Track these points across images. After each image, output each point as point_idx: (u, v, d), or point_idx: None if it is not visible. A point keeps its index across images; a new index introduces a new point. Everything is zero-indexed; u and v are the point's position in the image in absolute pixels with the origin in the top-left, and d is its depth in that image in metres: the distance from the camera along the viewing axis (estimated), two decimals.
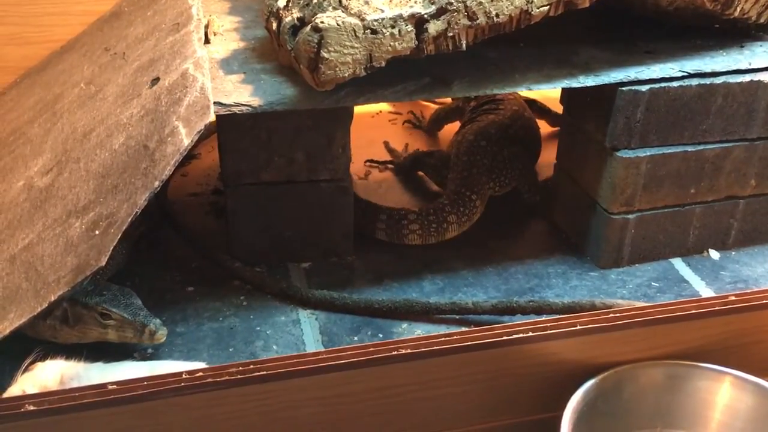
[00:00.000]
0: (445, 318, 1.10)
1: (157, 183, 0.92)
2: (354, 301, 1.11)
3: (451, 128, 1.53)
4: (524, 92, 1.11)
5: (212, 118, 0.96)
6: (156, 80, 1.04)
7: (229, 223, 1.18)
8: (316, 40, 0.95)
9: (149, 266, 1.20)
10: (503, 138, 1.37)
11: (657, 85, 1.11)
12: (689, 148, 1.17)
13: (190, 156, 1.52)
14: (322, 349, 0.96)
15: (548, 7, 1.03)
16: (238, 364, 0.86)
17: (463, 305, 1.09)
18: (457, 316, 1.10)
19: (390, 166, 1.49)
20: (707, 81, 1.13)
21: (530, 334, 0.92)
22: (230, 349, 1.04)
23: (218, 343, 1.05)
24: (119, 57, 1.18)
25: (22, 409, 0.80)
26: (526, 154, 1.38)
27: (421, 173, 1.44)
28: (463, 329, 1.04)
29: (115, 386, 0.82)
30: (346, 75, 0.97)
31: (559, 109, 1.30)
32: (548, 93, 1.43)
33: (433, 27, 0.98)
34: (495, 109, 1.43)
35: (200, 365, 0.96)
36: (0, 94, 1.44)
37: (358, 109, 1.15)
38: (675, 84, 1.12)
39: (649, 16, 1.20)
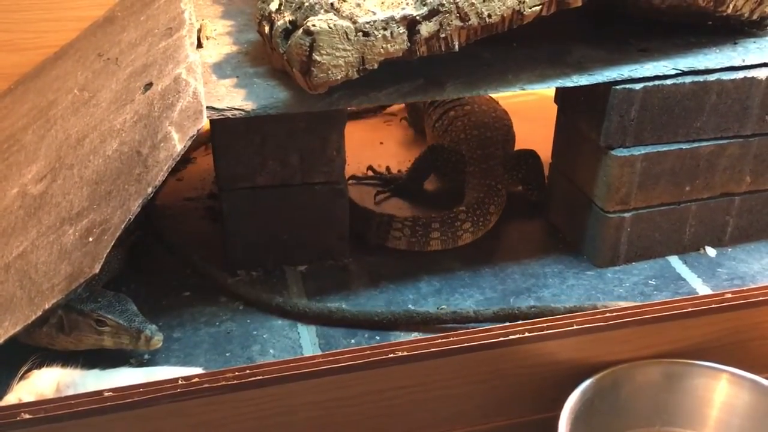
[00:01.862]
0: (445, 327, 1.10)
1: (150, 189, 0.91)
2: (353, 314, 1.09)
3: None
4: (518, 92, 1.11)
5: (205, 122, 0.96)
6: (149, 85, 1.04)
7: (225, 227, 1.18)
8: (307, 44, 0.95)
9: (145, 272, 1.19)
10: (504, 128, 1.39)
11: (651, 84, 1.11)
12: (684, 146, 1.17)
13: (185, 160, 1.52)
14: (319, 353, 0.96)
15: (540, 6, 1.03)
16: (235, 369, 0.86)
17: (464, 314, 1.08)
18: (459, 326, 1.09)
19: (382, 189, 1.43)
20: (701, 78, 1.13)
21: (527, 334, 0.92)
22: (227, 354, 1.04)
23: (215, 348, 1.05)
24: (112, 62, 1.18)
25: (19, 418, 0.80)
26: (533, 151, 1.39)
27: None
28: (460, 330, 1.04)
29: (111, 393, 0.82)
30: (339, 78, 0.97)
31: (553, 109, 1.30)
32: (543, 92, 1.43)
33: (425, 28, 0.98)
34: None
35: (197, 370, 0.95)
36: None
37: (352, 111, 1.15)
38: (669, 82, 1.12)
39: (641, 15, 1.20)
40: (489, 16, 1.00)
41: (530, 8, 1.02)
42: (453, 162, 1.36)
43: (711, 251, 1.26)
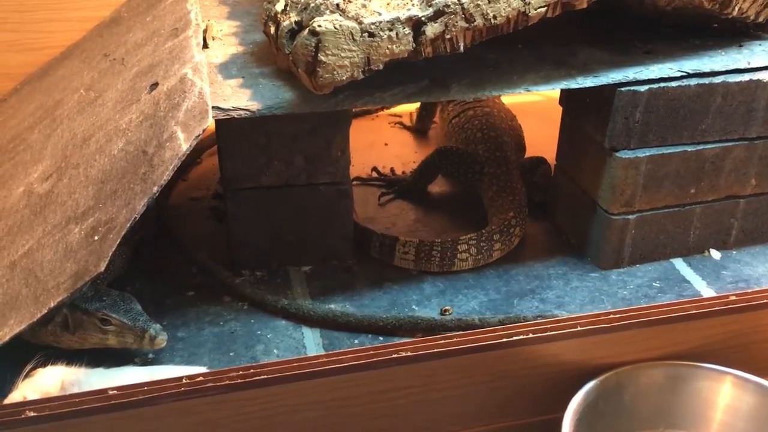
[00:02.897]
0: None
1: (155, 188, 0.92)
2: (357, 319, 1.09)
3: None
4: (523, 93, 1.11)
5: (211, 122, 0.96)
6: (155, 85, 1.04)
7: (229, 228, 1.18)
8: (313, 44, 0.95)
9: (149, 271, 1.20)
10: (518, 138, 1.41)
11: (656, 86, 1.11)
12: (689, 148, 1.17)
13: (191, 161, 1.52)
14: (323, 353, 0.96)
15: (546, 8, 1.03)
16: (239, 368, 0.86)
17: (469, 321, 1.08)
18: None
19: (386, 190, 1.42)
20: (706, 81, 1.13)
21: (530, 336, 0.92)
22: (231, 354, 1.04)
23: (219, 348, 1.05)
24: (118, 62, 1.18)
25: (23, 416, 0.80)
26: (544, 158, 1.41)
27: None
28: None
29: (115, 392, 0.83)
30: (344, 78, 0.97)
31: (558, 110, 1.30)
32: (548, 93, 1.43)
33: (431, 29, 0.98)
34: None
35: (201, 370, 0.96)
36: (0, 101, 1.44)
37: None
38: (674, 84, 1.12)
39: (647, 17, 1.20)
40: (494, 17, 1.00)
41: (535, 10, 1.02)
42: (467, 163, 1.35)
43: (715, 254, 1.26)
